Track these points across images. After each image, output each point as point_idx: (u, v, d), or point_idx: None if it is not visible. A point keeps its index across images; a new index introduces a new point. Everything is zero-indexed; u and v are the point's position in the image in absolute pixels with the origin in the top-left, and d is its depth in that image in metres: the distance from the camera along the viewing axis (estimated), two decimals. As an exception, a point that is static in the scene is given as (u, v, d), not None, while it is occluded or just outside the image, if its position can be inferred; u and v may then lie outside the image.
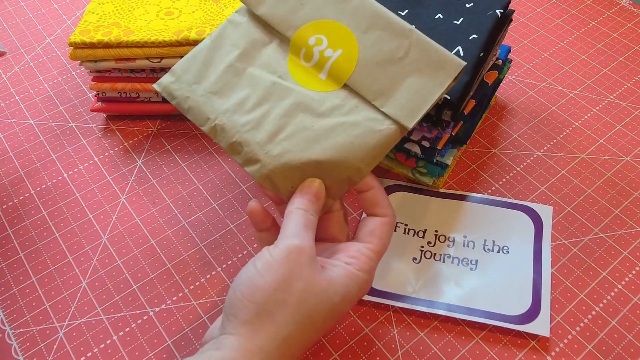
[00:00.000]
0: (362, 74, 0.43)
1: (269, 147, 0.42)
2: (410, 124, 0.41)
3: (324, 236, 0.44)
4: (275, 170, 0.42)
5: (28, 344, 0.47)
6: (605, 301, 0.49)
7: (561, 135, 0.62)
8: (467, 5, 0.52)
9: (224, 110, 0.44)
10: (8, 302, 0.49)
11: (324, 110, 0.43)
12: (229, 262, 0.52)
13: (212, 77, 0.45)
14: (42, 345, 0.47)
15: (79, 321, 0.48)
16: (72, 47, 0.58)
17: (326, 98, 0.43)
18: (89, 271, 0.51)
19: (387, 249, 0.41)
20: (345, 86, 0.43)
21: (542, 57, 0.70)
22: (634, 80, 0.67)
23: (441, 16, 0.52)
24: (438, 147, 0.52)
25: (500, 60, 0.57)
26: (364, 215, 0.43)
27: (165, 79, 0.46)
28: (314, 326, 0.37)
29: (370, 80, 0.42)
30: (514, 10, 0.60)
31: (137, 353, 0.46)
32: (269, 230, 0.43)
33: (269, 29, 0.46)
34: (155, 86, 0.46)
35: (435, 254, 0.51)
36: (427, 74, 0.42)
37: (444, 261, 0.51)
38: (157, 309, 0.49)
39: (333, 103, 0.43)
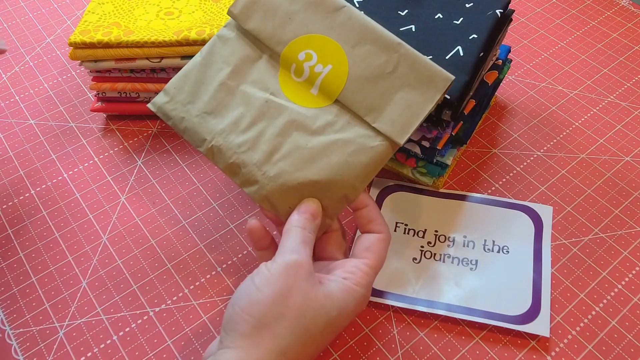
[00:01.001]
0: (352, 90, 0.43)
1: (266, 167, 0.42)
2: (402, 140, 0.42)
3: (323, 255, 0.44)
4: (273, 191, 0.42)
5: (28, 344, 0.47)
6: (605, 301, 0.49)
7: (561, 135, 0.62)
8: (467, 5, 0.52)
9: (220, 131, 0.44)
10: (8, 302, 0.49)
11: (317, 128, 0.43)
12: (229, 262, 0.52)
13: (206, 97, 0.45)
14: (42, 345, 0.47)
15: (79, 321, 0.48)
16: (72, 47, 0.58)
17: (319, 114, 0.43)
18: (89, 271, 0.51)
19: (383, 264, 0.42)
20: (337, 101, 0.43)
21: (542, 57, 0.70)
22: (634, 80, 0.67)
23: (441, 16, 0.52)
24: (438, 147, 0.52)
25: (500, 60, 0.57)
26: (358, 233, 0.44)
27: (160, 98, 0.46)
28: (312, 340, 0.37)
29: (361, 96, 0.43)
30: (514, 10, 0.60)
31: (137, 353, 0.46)
32: (268, 248, 0.44)
33: (258, 44, 0.46)
34: (149, 106, 0.47)
35: (435, 254, 0.51)
36: (416, 88, 0.42)
37: (444, 261, 0.51)
38: (157, 309, 0.49)
39: (326, 119, 0.43)
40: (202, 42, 0.56)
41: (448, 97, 0.47)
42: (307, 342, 0.37)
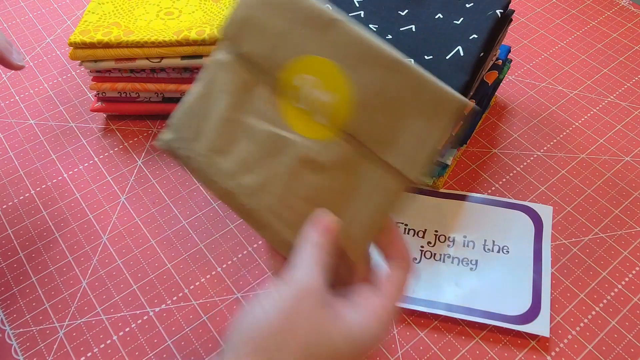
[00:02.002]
0: (357, 118, 0.38)
1: (280, 211, 0.40)
2: (412, 175, 0.37)
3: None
4: (291, 235, 0.39)
5: (28, 344, 0.47)
6: (605, 301, 0.49)
7: (561, 135, 0.62)
8: (467, 5, 0.52)
9: (229, 172, 0.41)
10: (8, 302, 0.49)
11: (325, 162, 0.39)
12: (229, 262, 0.52)
13: (209, 133, 0.42)
14: (42, 345, 0.47)
15: (79, 321, 0.48)
16: (72, 47, 0.58)
17: (326, 147, 0.39)
18: (89, 271, 0.51)
19: (403, 295, 0.38)
20: (343, 131, 0.39)
21: (542, 57, 0.70)
22: (634, 80, 0.67)
23: (441, 16, 0.52)
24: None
25: (500, 60, 0.57)
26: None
27: (165, 135, 0.43)
28: None
29: (367, 125, 0.38)
30: (514, 10, 0.60)
31: (137, 353, 0.46)
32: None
33: (255, 68, 0.42)
34: (156, 143, 0.44)
35: (435, 254, 0.51)
36: (424, 114, 0.37)
37: (443, 261, 0.51)
38: (157, 309, 0.49)
39: (334, 153, 0.39)
40: (202, 42, 0.56)
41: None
42: None
